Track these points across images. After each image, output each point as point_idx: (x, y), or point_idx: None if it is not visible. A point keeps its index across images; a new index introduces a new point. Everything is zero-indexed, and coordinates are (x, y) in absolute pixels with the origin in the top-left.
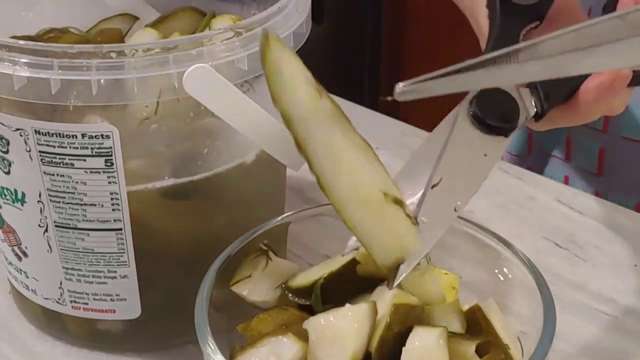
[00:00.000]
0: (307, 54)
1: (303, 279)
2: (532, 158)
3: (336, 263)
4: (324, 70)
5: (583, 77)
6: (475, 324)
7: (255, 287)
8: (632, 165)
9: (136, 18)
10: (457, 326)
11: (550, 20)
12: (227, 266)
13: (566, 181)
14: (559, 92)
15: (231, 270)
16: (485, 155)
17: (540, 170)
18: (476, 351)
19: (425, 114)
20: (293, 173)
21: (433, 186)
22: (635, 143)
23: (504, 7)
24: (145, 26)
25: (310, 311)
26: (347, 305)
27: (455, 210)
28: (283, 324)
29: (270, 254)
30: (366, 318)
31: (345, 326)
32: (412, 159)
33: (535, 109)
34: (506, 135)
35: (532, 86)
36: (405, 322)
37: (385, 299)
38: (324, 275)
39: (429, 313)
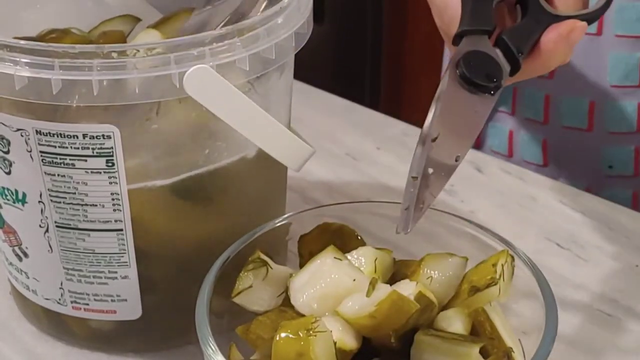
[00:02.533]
0: (309, 54)
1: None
2: None
3: None
4: (325, 70)
5: (543, 27)
6: (479, 326)
7: (257, 297)
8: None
9: (138, 19)
10: (461, 328)
11: None
12: (228, 267)
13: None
14: (528, 45)
15: (232, 271)
16: (475, 111)
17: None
18: (479, 353)
19: (426, 114)
20: (294, 173)
21: (433, 140)
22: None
23: None
24: (147, 27)
25: None
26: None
27: (456, 161)
28: None
29: (270, 262)
30: None
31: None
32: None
33: (510, 66)
34: (492, 94)
35: (503, 45)
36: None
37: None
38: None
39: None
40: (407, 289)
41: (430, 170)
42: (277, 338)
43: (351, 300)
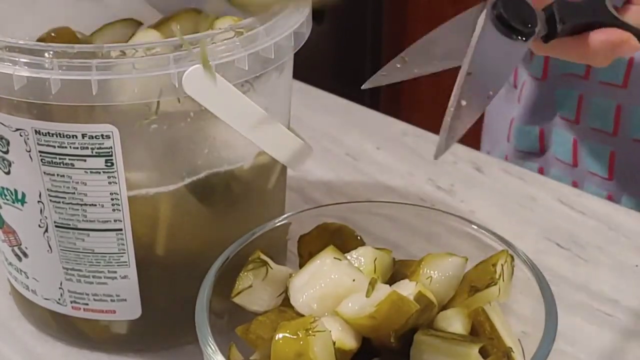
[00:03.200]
0: (308, 53)
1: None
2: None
3: None
4: (325, 69)
5: (599, 20)
6: (479, 326)
7: (257, 297)
8: None
9: (140, 23)
10: (460, 328)
11: None
12: (228, 267)
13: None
14: (572, 23)
15: (232, 271)
16: (507, 54)
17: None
18: (479, 353)
19: (426, 114)
20: (293, 173)
21: (468, 74)
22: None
23: None
24: (148, 27)
25: None
26: None
27: (488, 98)
28: None
29: (270, 262)
30: None
31: None
32: (435, 35)
33: (547, 30)
34: (526, 40)
35: (549, 11)
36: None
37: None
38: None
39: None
40: (406, 289)
41: (464, 103)
42: (276, 338)
43: (351, 300)
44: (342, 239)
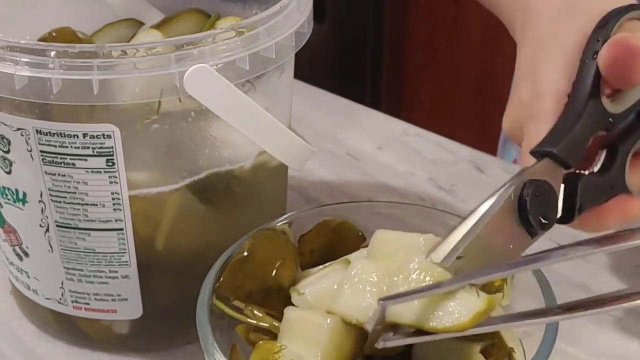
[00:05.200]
0: (309, 53)
1: None
2: None
3: None
4: (326, 69)
5: (614, 194)
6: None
7: None
8: None
9: (141, 23)
10: None
11: None
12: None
13: None
14: (591, 205)
15: None
16: (511, 247)
17: None
18: (481, 354)
19: (427, 114)
20: (294, 173)
21: (458, 257)
22: None
23: (592, 100)
24: (150, 27)
25: None
26: None
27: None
28: None
29: None
30: None
31: None
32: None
33: (562, 215)
34: (533, 236)
35: (572, 194)
36: None
37: None
38: None
39: None
40: None
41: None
42: None
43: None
44: (343, 235)
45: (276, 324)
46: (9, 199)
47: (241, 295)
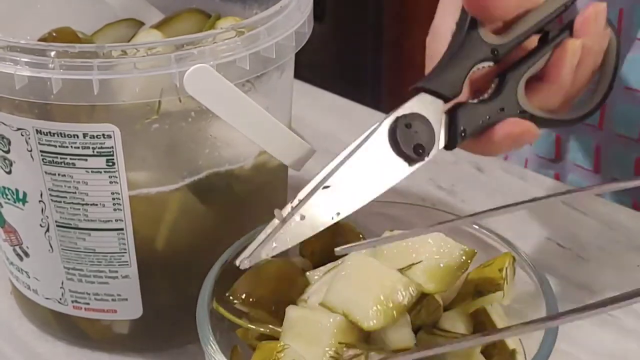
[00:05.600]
0: (309, 53)
1: None
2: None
3: None
4: (326, 69)
5: (502, 118)
6: (481, 327)
7: None
8: None
9: (141, 23)
10: (462, 329)
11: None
12: (229, 267)
13: None
14: (477, 127)
15: (233, 271)
16: (386, 175)
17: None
18: (481, 354)
19: None
20: (294, 173)
21: (324, 187)
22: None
23: (469, 34)
24: (150, 27)
25: None
26: None
27: (333, 219)
28: None
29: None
30: None
31: None
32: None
33: (446, 141)
34: (411, 165)
35: (452, 121)
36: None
37: None
38: None
39: None
40: None
41: (303, 215)
42: None
43: None
44: (343, 236)
45: (279, 330)
46: (9, 199)
47: (250, 302)
